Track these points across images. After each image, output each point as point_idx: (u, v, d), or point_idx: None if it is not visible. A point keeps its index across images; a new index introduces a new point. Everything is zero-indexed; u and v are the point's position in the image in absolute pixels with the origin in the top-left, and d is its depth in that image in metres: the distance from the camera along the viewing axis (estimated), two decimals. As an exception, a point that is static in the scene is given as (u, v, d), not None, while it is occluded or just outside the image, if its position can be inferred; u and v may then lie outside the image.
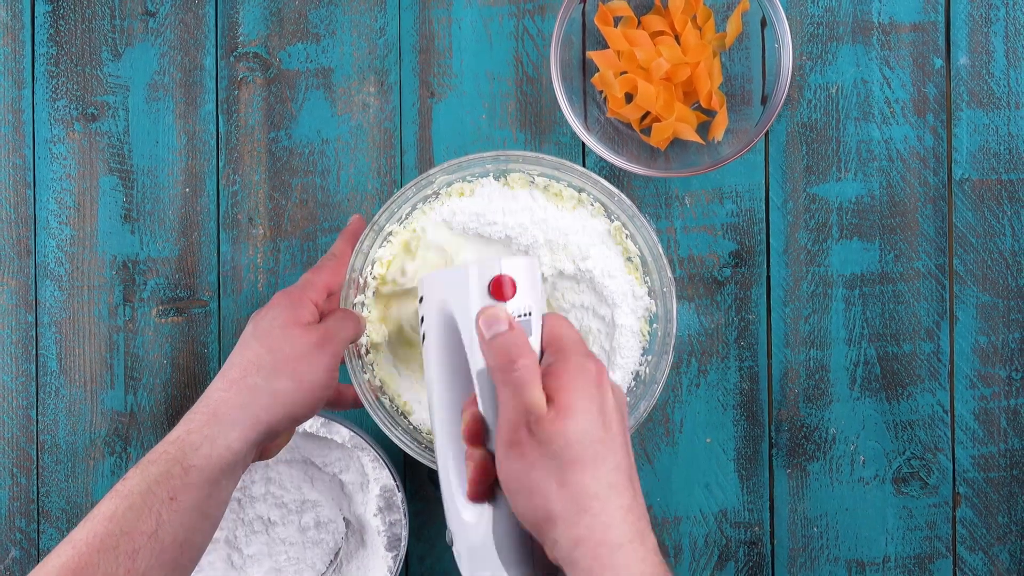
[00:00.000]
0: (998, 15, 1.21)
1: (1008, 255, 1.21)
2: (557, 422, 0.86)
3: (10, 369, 1.21)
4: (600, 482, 0.86)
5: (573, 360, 0.89)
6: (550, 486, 0.85)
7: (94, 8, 1.21)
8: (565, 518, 0.85)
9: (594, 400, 0.87)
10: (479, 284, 0.92)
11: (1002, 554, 1.21)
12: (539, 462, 0.86)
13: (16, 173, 1.21)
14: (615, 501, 0.85)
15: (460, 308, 0.93)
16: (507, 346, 0.89)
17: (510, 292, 0.92)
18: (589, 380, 0.88)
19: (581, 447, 0.86)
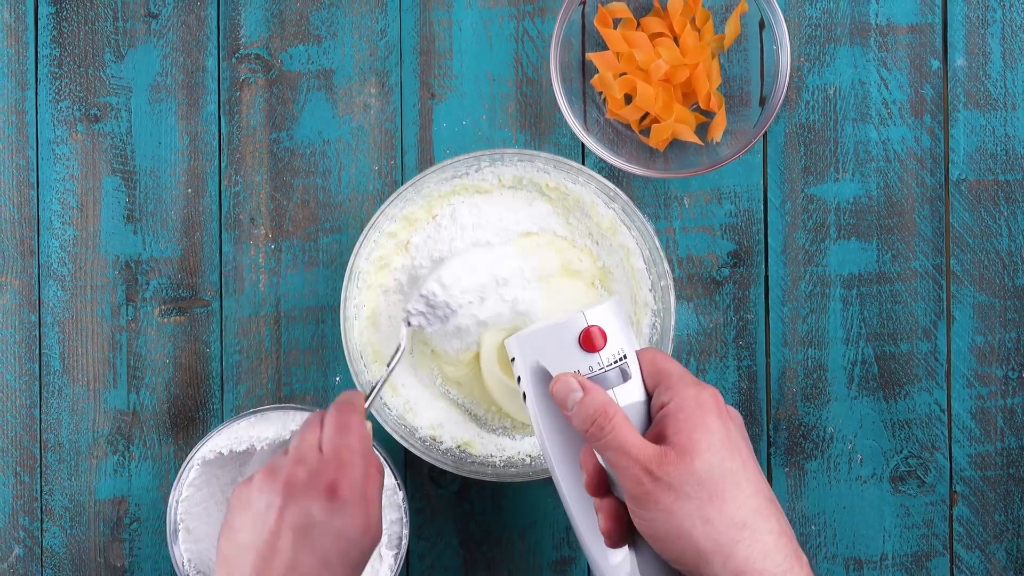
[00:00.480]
0: (995, 17, 1.21)
1: (1005, 255, 1.21)
2: (682, 463, 0.85)
3: (13, 368, 1.21)
4: (745, 510, 0.85)
5: (683, 392, 0.88)
6: (694, 526, 0.85)
7: (97, 10, 1.21)
8: (719, 553, 0.84)
9: (715, 431, 0.87)
10: (570, 341, 0.92)
11: (999, 552, 1.21)
12: (675, 506, 0.85)
13: (20, 174, 1.21)
14: (764, 526, 0.85)
15: (555, 367, 0.93)
16: (587, 414, 0.89)
17: (601, 342, 0.91)
18: (706, 410, 0.87)
19: (715, 481, 0.85)
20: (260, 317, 1.21)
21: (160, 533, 1.20)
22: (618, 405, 0.89)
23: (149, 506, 1.20)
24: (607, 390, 0.91)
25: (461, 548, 1.21)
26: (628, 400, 0.91)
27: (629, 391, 0.92)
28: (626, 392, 0.91)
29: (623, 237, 1.13)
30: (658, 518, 0.86)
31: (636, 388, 0.92)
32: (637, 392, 0.92)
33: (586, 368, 0.92)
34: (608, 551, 0.93)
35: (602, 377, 0.92)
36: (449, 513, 1.21)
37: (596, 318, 0.92)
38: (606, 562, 0.93)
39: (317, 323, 1.21)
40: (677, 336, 1.20)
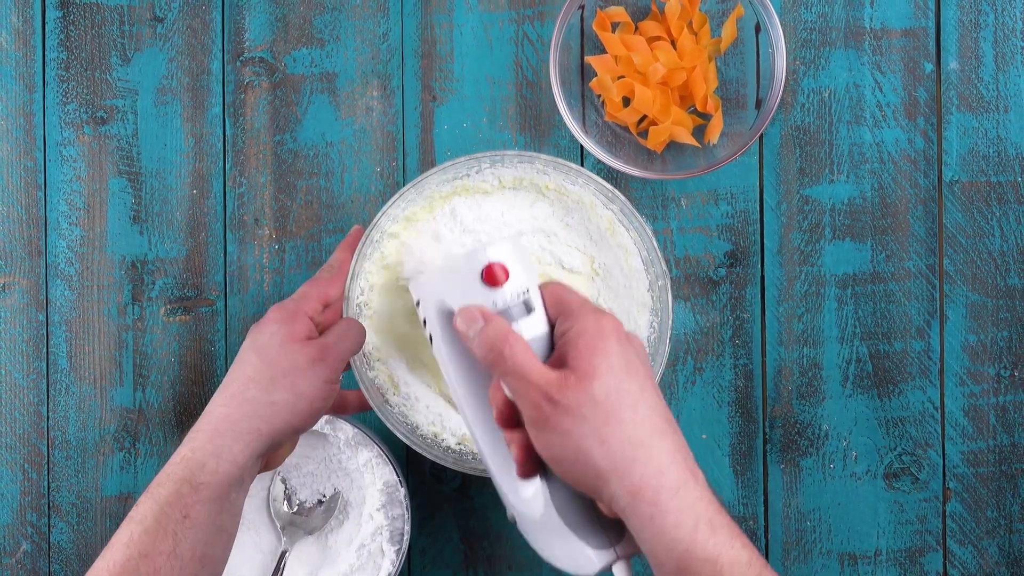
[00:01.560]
0: (987, 21, 1.21)
1: (997, 255, 1.21)
2: (580, 386, 0.85)
3: (21, 367, 1.21)
4: (641, 429, 0.85)
5: (584, 320, 0.88)
6: (592, 447, 0.85)
7: (103, 14, 1.21)
8: (616, 472, 0.84)
9: (614, 354, 0.87)
10: (472, 277, 0.91)
11: (991, 547, 1.21)
12: (573, 428, 0.85)
13: (27, 175, 1.21)
14: (660, 445, 0.85)
15: (458, 304, 0.92)
16: (489, 340, 0.89)
17: (503, 277, 0.91)
18: (606, 336, 0.87)
19: (611, 402, 0.85)
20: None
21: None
22: (517, 333, 0.89)
23: (155, 502, 1.20)
24: (511, 323, 0.90)
25: (462, 543, 1.21)
26: (532, 333, 0.91)
27: (533, 324, 0.91)
28: (530, 325, 0.91)
29: (621, 237, 1.13)
30: (556, 440, 0.86)
31: (540, 321, 0.91)
32: (541, 325, 0.91)
33: (490, 303, 0.91)
34: (520, 486, 0.93)
35: (506, 311, 0.91)
36: (450, 509, 1.21)
37: (497, 254, 0.92)
38: (518, 496, 0.93)
39: (320, 322, 1.21)
40: (674, 335, 1.20)
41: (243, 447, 0.96)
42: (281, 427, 0.98)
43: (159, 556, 0.91)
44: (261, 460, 0.99)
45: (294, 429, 0.99)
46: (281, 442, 0.99)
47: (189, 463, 0.95)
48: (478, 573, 1.21)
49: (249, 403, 0.98)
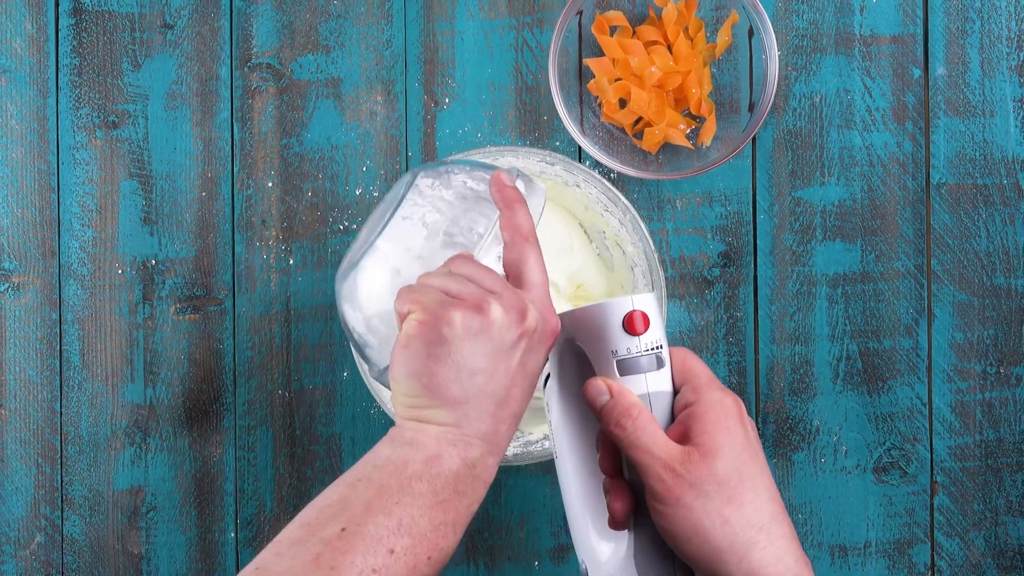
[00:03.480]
0: (973, 28, 1.21)
1: (983, 255, 1.21)
2: (704, 463, 0.85)
3: (35, 364, 1.20)
4: (762, 514, 0.85)
5: (710, 396, 0.88)
6: (713, 525, 0.85)
7: (115, 21, 1.21)
8: (735, 553, 0.84)
9: (737, 435, 0.87)
10: (615, 321, 0.91)
11: (977, 540, 1.21)
12: (695, 504, 0.85)
13: (41, 178, 1.21)
14: (778, 531, 0.85)
15: (592, 345, 0.92)
16: (614, 414, 0.88)
17: (642, 327, 0.91)
18: (730, 415, 0.87)
19: (734, 483, 0.85)
20: (271, 315, 1.21)
21: (175, 521, 1.20)
22: (643, 407, 0.89)
23: (165, 495, 1.20)
24: (640, 374, 0.90)
25: (463, 535, 1.21)
26: (658, 388, 0.91)
27: (660, 379, 0.91)
28: (657, 380, 0.91)
29: (622, 243, 1.12)
30: (678, 514, 0.85)
31: (666, 378, 0.91)
32: (666, 383, 0.91)
33: (624, 349, 0.91)
34: (606, 536, 0.92)
35: (638, 361, 0.91)
36: (452, 502, 1.20)
37: (642, 304, 0.91)
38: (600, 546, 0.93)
39: (325, 320, 1.20)
40: (670, 333, 1.20)
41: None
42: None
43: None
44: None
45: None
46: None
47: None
48: (479, 564, 1.21)
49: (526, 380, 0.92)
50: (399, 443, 0.88)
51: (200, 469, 1.20)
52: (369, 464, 0.88)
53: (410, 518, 0.86)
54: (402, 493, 0.86)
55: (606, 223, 1.12)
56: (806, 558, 0.87)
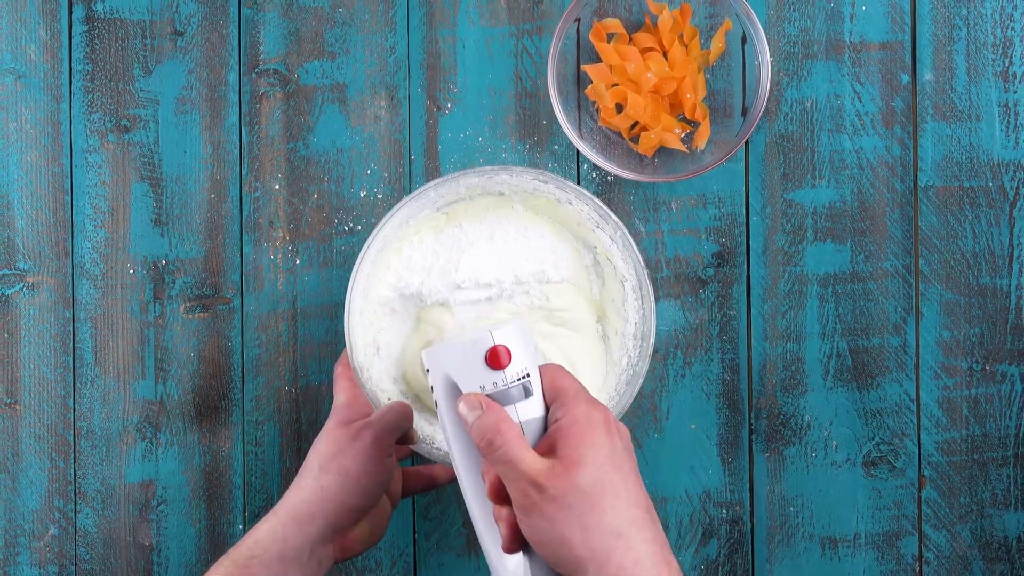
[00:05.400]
0: (960, 35, 1.21)
1: (969, 256, 1.21)
2: (566, 476, 0.85)
3: (49, 361, 1.20)
4: (621, 519, 0.85)
5: (576, 410, 0.88)
6: (574, 535, 0.84)
7: (127, 28, 1.21)
8: (595, 560, 0.84)
9: (601, 447, 0.86)
10: (477, 358, 0.91)
11: (964, 532, 1.21)
12: (557, 515, 0.84)
13: (55, 180, 1.21)
14: (638, 536, 0.85)
15: (463, 382, 0.92)
16: (482, 429, 0.88)
17: (506, 360, 0.90)
18: (595, 428, 0.87)
19: (595, 493, 0.85)
20: (278, 314, 1.21)
21: (185, 514, 1.20)
22: (513, 422, 0.88)
23: (175, 489, 1.20)
24: (509, 405, 0.90)
25: (464, 528, 1.21)
26: (528, 415, 0.90)
27: (530, 407, 0.90)
28: (527, 408, 0.90)
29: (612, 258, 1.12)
30: (541, 526, 0.85)
31: (537, 404, 0.90)
32: (537, 408, 0.90)
33: (491, 384, 0.90)
34: (505, 557, 0.92)
35: (505, 393, 0.90)
36: (452, 495, 1.20)
37: (502, 338, 0.91)
38: (503, 567, 0.93)
39: (331, 319, 1.20)
40: (665, 331, 1.20)
41: (296, 529, 0.99)
42: (334, 509, 1.00)
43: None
44: (329, 545, 1.01)
45: (350, 509, 1.01)
46: (342, 524, 1.01)
47: (248, 542, 0.99)
48: (480, 556, 1.21)
49: (303, 490, 1.01)
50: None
51: (209, 463, 1.20)
52: None
53: None
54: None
55: (597, 239, 1.12)
56: (670, 559, 0.86)
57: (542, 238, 1.13)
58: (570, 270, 1.13)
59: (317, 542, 1.00)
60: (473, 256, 1.11)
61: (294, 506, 1.00)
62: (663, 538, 0.87)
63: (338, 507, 1.00)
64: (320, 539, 1.00)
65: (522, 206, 1.13)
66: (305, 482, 1.01)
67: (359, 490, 1.00)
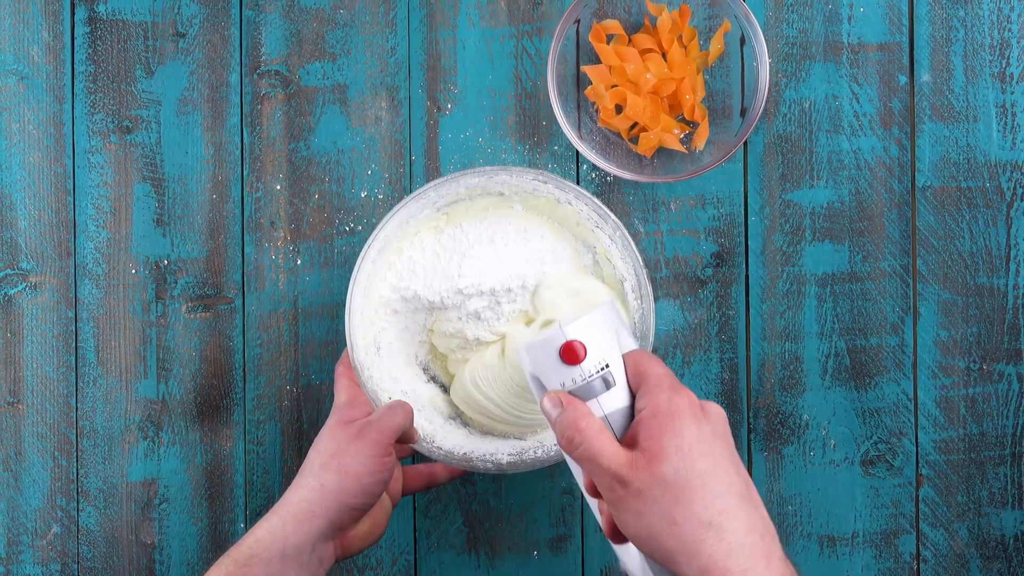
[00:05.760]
0: (957, 36, 1.21)
1: (967, 256, 1.21)
2: (648, 468, 0.83)
3: (52, 361, 1.20)
4: (710, 510, 0.82)
5: (658, 398, 0.86)
6: (662, 528, 0.82)
7: (129, 30, 1.21)
8: (685, 553, 0.82)
9: (685, 435, 0.84)
10: (553, 356, 0.89)
11: (961, 530, 1.21)
12: (643, 509, 0.83)
13: (57, 181, 1.21)
14: (731, 525, 0.82)
15: (546, 380, 0.91)
16: (562, 427, 0.87)
17: (581, 354, 0.88)
18: (678, 416, 0.85)
19: (681, 484, 0.83)
20: (279, 313, 1.21)
21: (187, 512, 1.20)
22: (593, 417, 0.87)
23: (177, 487, 1.20)
24: (592, 399, 0.88)
25: (464, 526, 1.21)
26: (613, 407, 0.89)
27: (614, 398, 0.89)
28: (611, 399, 0.89)
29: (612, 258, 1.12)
30: (629, 520, 0.84)
31: (621, 394, 0.89)
32: (622, 398, 0.89)
33: (570, 380, 0.89)
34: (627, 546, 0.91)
35: (586, 387, 0.89)
36: (453, 494, 1.20)
37: (574, 332, 0.89)
38: (626, 554, 0.93)
39: (332, 319, 1.20)
40: (664, 331, 1.20)
41: (297, 528, 0.99)
42: (335, 508, 1.00)
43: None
44: (329, 543, 1.01)
45: (351, 507, 1.01)
46: (342, 523, 1.01)
47: (248, 540, 0.99)
48: (480, 554, 1.21)
49: (303, 488, 1.01)
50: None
51: (211, 462, 1.20)
52: None
53: None
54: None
55: (596, 239, 1.12)
56: (771, 549, 0.83)
57: (542, 239, 1.13)
58: (569, 270, 1.14)
59: (318, 540, 1.00)
60: (474, 259, 1.11)
61: (295, 505, 1.00)
62: (763, 526, 0.84)
63: (339, 506, 1.00)
64: (321, 537, 1.00)
65: (522, 206, 1.13)
66: (306, 481, 1.01)
67: (360, 489, 1.00)
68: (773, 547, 0.84)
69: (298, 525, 0.99)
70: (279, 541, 0.98)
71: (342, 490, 1.00)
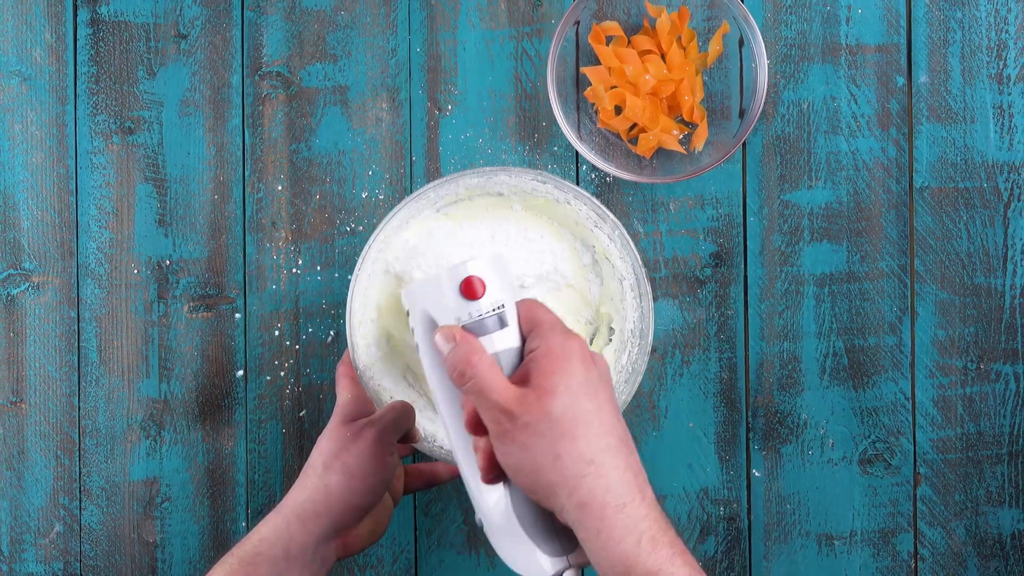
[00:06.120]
0: (955, 37, 1.21)
1: (964, 256, 1.21)
2: (538, 404, 0.85)
3: (55, 360, 1.21)
4: (593, 447, 0.85)
5: (551, 340, 0.88)
6: (546, 461, 0.85)
7: (131, 31, 1.21)
8: (566, 486, 0.84)
9: (575, 375, 0.86)
10: (452, 289, 0.91)
11: (959, 529, 1.21)
12: (530, 442, 0.85)
13: (60, 181, 1.21)
14: (611, 462, 0.85)
15: (440, 315, 0.92)
16: (455, 360, 0.89)
17: (480, 291, 0.91)
18: (570, 357, 0.87)
19: (567, 420, 0.85)
20: (281, 313, 1.21)
21: (189, 511, 1.20)
22: (486, 353, 0.89)
23: (179, 486, 1.20)
24: (485, 335, 0.91)
25: (464, 525, 1.21)
26: (505, 346, 0.91)
27: (506, 337, 0.91)
28: (503, 338, 0.91)
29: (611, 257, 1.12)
30: (514, 453, 0.86)
31: (513, 335, 0.91)
32: (514, 339, 0.91)
33: (466, 315, 0.91)
34: (486, 489, 0.93)
35: (481, 323, 0.91)
36: (454, 492, 1.21)
37: (477, 268, 0.91)
38: (484, 500, 0.93)
39: (333, 319, 1.21)
40: (663, 331, 1.20)
41: (300, 527, 0.99)
42: (339, 507, 1.00)
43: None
44: (332, 542, 1.02)
45: (354, 507, 1.01)
46: (346, 522, 1.01)
47: (252, 539, 0.99)
48: (480, 552, 1.21)
49: (306, 488, 1.01)
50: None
51: (213, 461, 1.21)
52: None
53: None
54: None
55: (596, 238, 1.12)
56: (644, 487, 0.86)
57: (542, 239, 1.13)
58: (571, 272, 1.14)
59: (321, 540, 1.00)
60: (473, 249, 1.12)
61: (299, 504, 1.00)
62: (638, 466, 0.87)
63: (342, 505, 1.00)
64: (324, 537, 1.00)
65: (521, 206, 1.13)
66: (309, 481, 1.01)
67: (363, 488, 1.01)
68: (646, 487, 0.86)
69: (302, 524, 0.99)
70: (283, 540, 0.98)
71: (345, 490, 1.00)
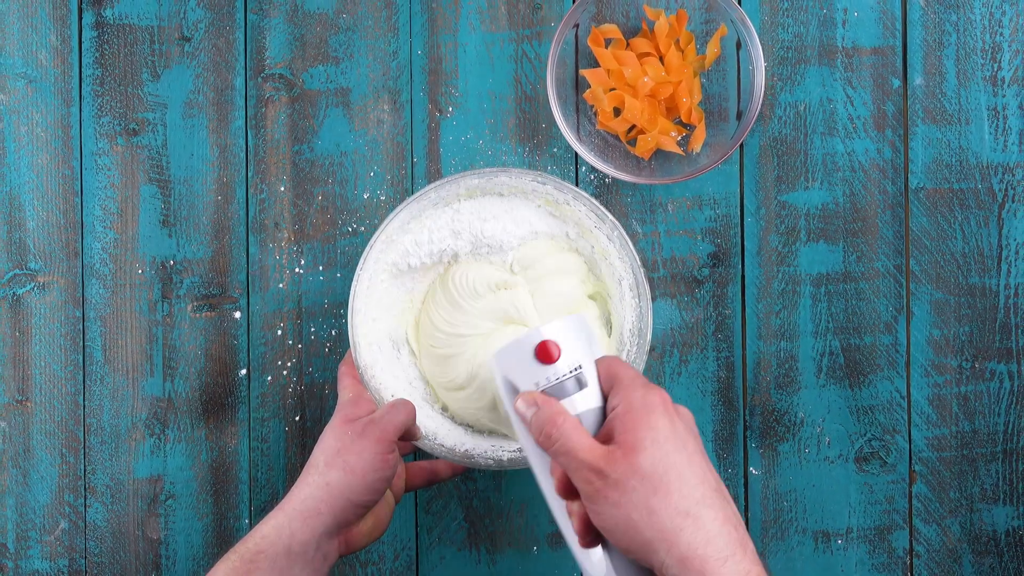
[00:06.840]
0: (950, 40, 1.21)
1: (959, 256, 1.21)
2: (626, 459, 0.84)
3: (60, 359, 1.21)
4: (688, 499, 0.83)
5: (632, 395, 0.87)
6: (640, 517, 0.83)
7: (135, 34, 1.21)
8: (664, 541, 0.82)
9: (660, 427, 0.85)
10: (528, 355, 0.90)
11: (953, 526, 1.21)
12: (622, 499, 0.83)
13: (65, 183, 1.21)
14: (708, 514, 0.83)
15: (520, 381, 0.92)
16: (539, 424, 0.88)
17: (556, 354, 0.90)
18: (652, 411, 0.86)
19: (658, 474, 0.83)
20: (283, 313, 1.21)
21: (192, 508, 1.20)
22: (568, 413, 0.88)
23: (183, 484, 1.20)
24: (565, 398, 0.90)
25: (465, 522, 1.21)
26: (586, 406, 0.90)
27: (587, 398, 0.90)
28: (584, 399, 0.90)
29: (609, 257, 1.13)
30: (607, 512, 0.84)
31: (593, 395, 0.90)
32: (594, 399, 0.90)
33: (544, 379, 0.90)
34: (587, 554, 0.92)
35: (560, 386, 0.90)
36: (454, 490, 1.21)
37: (551, 333, 0.91)
38: (588, 561, 0.92)
39: (335, 318, 1.21)
40: (662, 330, 1.20)
41: (302, 525, 0.99)
42: (341, 505, 1.00)
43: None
44: (334, 540, 1.02)
45: (355, 504, 1.01)
46: (347, 519, 1.02)
47: (255, 536, 0.99)
48: (480, 549, 1.21)
49: (309, 486, 1.01)
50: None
51: (216, 459, 1.21)
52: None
53: None
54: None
55: (595, 238, 1.13)
56: (745, 540, 0.84)
57: (529, 224, 1.14)
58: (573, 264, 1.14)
59: (323, 537, 1.00)
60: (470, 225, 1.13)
61: (301, 502, 1.00)
62: (737, 517, 0.85)
63: (344, 503, 1.00)
64: (326, 534, 1.00)
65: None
66: (311, 479, 1.01)
67: (364, 486, 1.01)
68: (746, 538, 0.84)
69: (304, 522, 0.99)
70: (285, 538, 0.99)
71: (347, 487, 1.00)
